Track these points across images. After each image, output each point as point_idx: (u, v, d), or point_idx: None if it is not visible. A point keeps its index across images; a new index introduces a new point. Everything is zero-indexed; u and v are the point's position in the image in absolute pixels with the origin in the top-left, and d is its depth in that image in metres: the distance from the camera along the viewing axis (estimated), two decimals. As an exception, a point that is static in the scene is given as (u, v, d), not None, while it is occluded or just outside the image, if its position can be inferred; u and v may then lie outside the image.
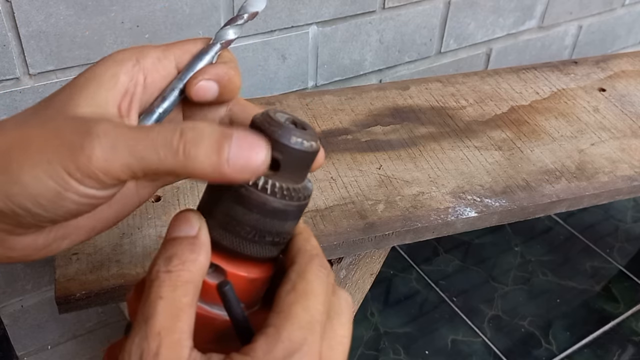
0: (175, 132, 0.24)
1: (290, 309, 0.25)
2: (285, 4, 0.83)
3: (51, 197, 0.25)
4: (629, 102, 0.88)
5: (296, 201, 0.27)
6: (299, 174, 0.28)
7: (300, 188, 0.28)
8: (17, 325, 0.93)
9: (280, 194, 0.26)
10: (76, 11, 0.69)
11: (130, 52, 0.28)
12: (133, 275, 0.55)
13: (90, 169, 0.24)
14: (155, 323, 0.23)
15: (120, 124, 0.26)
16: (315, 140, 0.28)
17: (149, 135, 0.24)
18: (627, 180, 0.72)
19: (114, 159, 0.24)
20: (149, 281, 0.25)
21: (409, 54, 1.03)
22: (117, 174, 0.24)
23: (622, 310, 1.28)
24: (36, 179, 0.24)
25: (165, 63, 0.29)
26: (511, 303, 1.27)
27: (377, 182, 0.69)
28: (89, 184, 0.25)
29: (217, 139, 0.25)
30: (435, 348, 1.18)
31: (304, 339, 0.24)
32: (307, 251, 0.28)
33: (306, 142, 0.27)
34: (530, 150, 0.76)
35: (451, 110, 0.83)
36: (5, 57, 0.67)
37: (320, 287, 0.26)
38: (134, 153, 0.24)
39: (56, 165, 0.24)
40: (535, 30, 1.17)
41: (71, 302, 0.53)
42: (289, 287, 0.26)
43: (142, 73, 0.29)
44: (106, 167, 0.24)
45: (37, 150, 0.25)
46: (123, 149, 0.24)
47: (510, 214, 0.67)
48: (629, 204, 1.54)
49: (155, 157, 0.24)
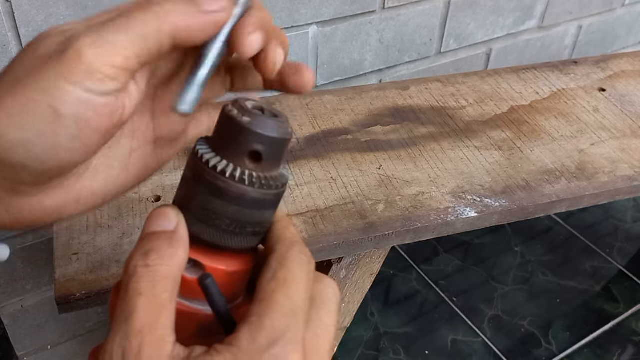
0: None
1: (272, 296, 0.25)
2: (285, 4, 0.83)
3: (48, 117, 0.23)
4: (629, 102, 0.88)
5: (274, 189, 0.27)
6: (276, 162, 0.27)
7: (278, 176, 0.27)
8: (17, 325, 0.93)
9: (259, 183, 0.26)
10: (76, 11, 0.69)
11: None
12: (133, 275, 0.55)
13: (83, 62, 0.23)
14: (136, 321, 0.23)
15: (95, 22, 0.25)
16: (289, 125, 0.28)
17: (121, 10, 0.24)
18: (627, 180, 0.72)
19: (103, 42, 0.23)
20: (127, 277, 0.24)
21: (409, 54, 1.03)
22: (110, 57, 0.24)
23: (622, 310, 1.28)
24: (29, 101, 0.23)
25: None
26: (511, 303, 1.27)
27: (377, 182, 0.69)
28: (88, 85, 0.23)
29: None
30: (435, 348, 1.18)
31: (287, 326, 0.24)
32: (287, 239, 0.28)
33: (282, 130, 0.27)
34: (530, 150, 0.76)
35: (451, 110, 0.83)
36: (5, 57, 0.67)
37: (302, 274, 0.26)
38: (119, 28, 0.24)
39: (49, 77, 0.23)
40: (535, 30, 1.17)
41: (71, 302, 0.53)
42: (269, 275, 0.25)
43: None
44: (97, 53, 0.23)
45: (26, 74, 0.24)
46: (107, 32, 0.24)
47: (510, 214, 0.67)
48: (629, 204, 1.54)
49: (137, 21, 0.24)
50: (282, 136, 0.27)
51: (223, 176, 0.26)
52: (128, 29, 0.24)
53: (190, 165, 0.27)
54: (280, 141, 0.27)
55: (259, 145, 0.26)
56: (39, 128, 0.23)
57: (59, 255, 0.56)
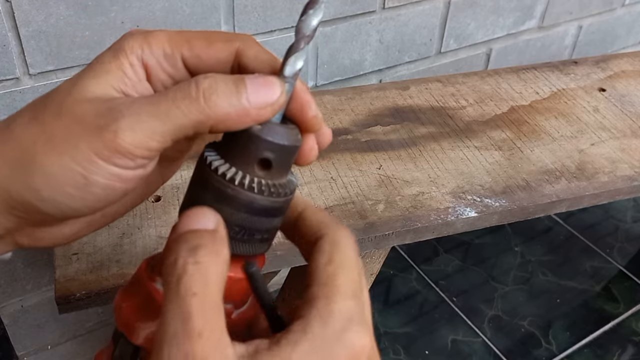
0: (190, 83, 0.25)
1: (335, 280, 0.24)
2: (285, 4, 0.83)
3: (78, 184, 0.25)
4: (629, 102, 0.88)
5: (283, 197, 0.27)
6: (285, 169, 0.27)
7: (286, 183, 0.27)
8: (17, 325, 0.93)
9: (268, 191, 0.26)
10: (76, 11, 0.69)
11: (138, 40, 0.27)
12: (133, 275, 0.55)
13: (118, 144, 0.24)
14: (195, 323, 0.21)
15: (137, 97, 0.26)
16: (299, 132, 0.27)
17: (168, 95, 0.25)
18: (627, 180, 0.72)
19: (140, 127, 0.24)
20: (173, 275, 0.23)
21: (409, 54, 1.03)
22: (145, 143, 0.24)
23: (622, 310, 1.28)
24: (63, 167, 0.24)
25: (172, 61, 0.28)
26: (511, 303, 1.27)
27: (377, 182, 0.69)
28: (118, 162, 0.24)
29: (233, 80, 0.25)
30: (435, 348, 1.18)
31: (354, 309, 0.24)
32: (330, 222, 0.28)
33: (292, 137, 0.27)
34: (530, 150, 0.76)
35: (451, 110, 0.83)
36: (5, 57, 0.67)
37: (355, 256, 0.26)
38: (158, 115, 0.24)
39: (84, 149, 0.24)
40: (535, 30, 1.17)
41: (71, 302, 0.53)
42: (325, 259, 0.25)
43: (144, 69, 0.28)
44: (134, 138, 0.24)
45: (62, 140, 0.24)
46: (147, 116, 0.24)
47: (510, 214, 0.67)
48: (629, 204, 1.54)
49: (178, 112, 0.24)
50: (292, 143, 0.27)
51: (232, 184, 0.26)
52: (168, 118, 0.24)
53: (198, 172, 0.27)
54: (290, 148, 0.27)
55: (269, 153, 0.26)
56: (69, 192, 0.25)
57: (59, 255, 0.56)
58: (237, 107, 0.25)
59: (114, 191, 0.26)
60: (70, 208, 0.26)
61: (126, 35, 0.27)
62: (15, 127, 0.26)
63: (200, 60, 0.27)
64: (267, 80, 0.26)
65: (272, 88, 0.25)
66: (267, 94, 0.25)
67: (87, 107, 0.25)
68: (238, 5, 0.80)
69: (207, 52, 0.27)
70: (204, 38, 0.28)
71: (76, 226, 0.29)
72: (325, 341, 0.23)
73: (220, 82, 0.25)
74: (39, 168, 0.24)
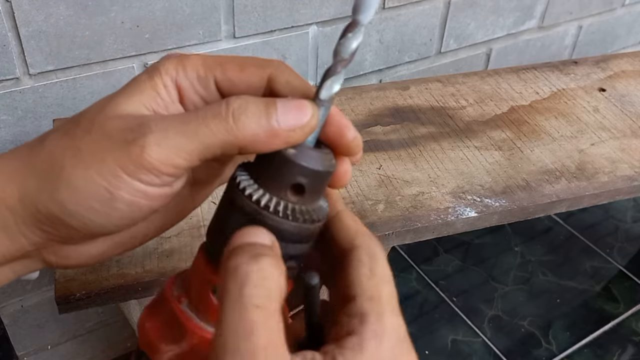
0: (221, 104, 0.25)
1: (381, 295, 0.24)
2: (285, 4, 0.83)
3: (103, 198, 0.25)
4: (629, 102, 0.88)
5: (315, 223, 0.26)
6: (317, 194, 0.27)
7: (317, 209, 0.27)
8: (17, 325, 0.93)
9: (301, 218, 0.25)
10: (76, 11, 0.69)
11: (173, 63, 0.27)
12: (133, 275, 0.55)
13: (145, 159, 0.24)
14: (260, 338, 0.21)
15: (167, 115, 0.26)
16: (333, 157, 0.27)
17: (198, 114, 0.25)
18: (627, 180, 0.72)
19: (168, 144, 0.24)
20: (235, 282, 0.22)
21: (409, 54, 1.03)
22: (172, 159, 0.24)
23: (622, 310, 1.28)
24: (88, 180, 0.24)
25: (204, 84, 0.28)
26: (511, 303, 1.27)
27: (377, 182, 0.69)
28: (144, 179, 0.24)
29: (263, 102, 0.25)
30: (435, 348, 1.18)
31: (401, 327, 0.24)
32: (366, 231, 0.27)
33: (327, 163, 0.26)
34: (530, 150, 0.76)
35: (451, 110, 0.83)
36: (5, 57, 0.67)
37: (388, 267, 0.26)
38: (186, 133, 0.24)
39: (110, 163, 0.24)
40: (535, 30, 1.17)
41: (71, 302, 0.53)
42: (367, 271, 0.25)
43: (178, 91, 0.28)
44: (160, 154, 0.24)
45: (90, 153, 0.25)
46: (175, 132, 0.24)
47: (510, 214, 0.67)
48: (629, 204, 1.54)
49: (207, 131, 0.24)
50: (326, 169, 0.26)
51: (264, 209, 0.25)
52: (196, 136, 0.24)
53: (229, 193, 0.26)
54: (324, 174, 0.26)
55: (302, 178, 0.25)
56: (94, 206, 0.25)
57: (59, 255, 0.56)
58: (266, 128, 0.25)
59: (139, 208, 0.25)
60: (94, 223, 0.26)
61: (163, 57, 0.28)
62: (48, 142, 0.26)
63: (233, 84, 0.27)
64: (298, 103, 0.25)
65: (302, 110, 0.25)
66: (298, 116, 0.25)
67: (117, 122, 0.25)
68: (238, 5, 0.80)
69: (240, 76, 0.27)
70: (237, 63, 0.28)
71: (104, 246, 0.29)
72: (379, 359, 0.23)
73: (251, 103, 0.25)
74: (65, 180, 0.25)
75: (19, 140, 0.75)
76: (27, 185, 0.25)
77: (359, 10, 0.26)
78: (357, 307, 0.24)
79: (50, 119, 0.75)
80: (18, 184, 0.25)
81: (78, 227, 0.26)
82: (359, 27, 0.26)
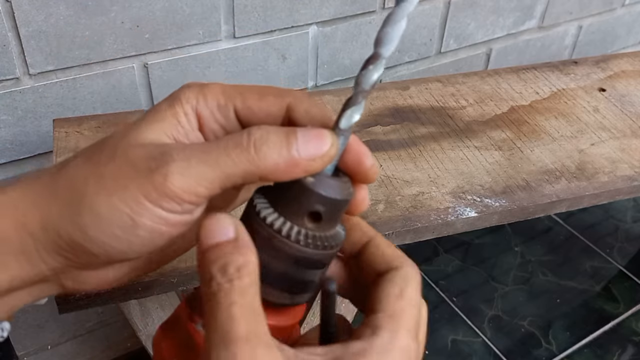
0: (242, 134, 0.25)
1: (402, 315, 0.25)
2: (285, 4, 0.83)
3: (125, 225, 0.25)
4: (629, 102, 0.88)
5: (331, 250, 0.26)
6: (335, 221, 0.27)
7: (334, 235, 0.27)
8: (17, 325, 0.93)
9: (316, 244, 0.26)
10: (76, 11, 0.69)
11: (194, 91, 0.28)
12: (133, 275, 0.55)
13: (167, 187, 0.24)
14: (239, 328, 0.22)
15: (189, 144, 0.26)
16: (351, 185, 0.27)
17: (220, 144, 0.25)
18: (627, 180, 0.72)
19: (190, 173, 0.24)
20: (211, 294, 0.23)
21: (409, 54, 1.03)
22: (194, 188, 0.24)
23: (622, 310, 1.28)
24: (111, 206, 0.25)
25: (224, 112, 0.28)
26: (511, 303, 1.27)
27: (377, 182, 0.69)
28: (166, 206, 0.25)
29: (284, 132, 0.25)
30: (435, 348, 1.18)
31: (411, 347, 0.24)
32: (404, 256, 0.28)
33: (345, 191, 0.26)
34: (530, 150, 0.76)
35: (451, 110, 0.83)
36: (5, 57, 0.67)
37: (421, 297, 0.27)
38: (208, 162, 0.25)
39: (133, 190, 0.24)
40: (535, 30, 1.17)
41: (71, 302, 0.53)
42: (397, 291, 0.26)
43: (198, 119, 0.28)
44: (183, 182, 0.24)
45: (113, 180, 0.25)
46: (197, 162, 0.25)
47: (510, 214, 0.67)
48: (629, 204, 1.54)
49: (229, 161, 0.25)
50: (344, 197, 0.26)
51: (281, 235, 0.25)
52: (218, 166, 0.25)
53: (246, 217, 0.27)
54: (342, 202, 0.26)
55: (320, 206, 0.26)
56: (115, 233, 0.25)
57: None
58: (287, 158, 0.25)
59: (160, 235, 0.26)
60: (116, 250, 0.26)
61: (184, 86, 0.28)
62: (70, 168, 0.26)
63: (252, 113, 0.28)
64: (318, 133, 0.26)
65: (323, 140, 0.26)
66: (318, 146, 0.25)
67: (140, 150, 0.25)
68: (238, 5, 0.80)
69: (259, 104, 0.28)
70: (256, 92, 0.28)
71: (121, 271, 0.29)
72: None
73: (272, 134, 0.25)
74: (87, 207, 0.25)
75: (19, 140, 0.75)
76: (49, 211, 0.25)
77: (381, 43, 0.26)
78: (375, 320, 0.25)
79: (50, 119, 0.75)
80: (40, 209, 0.26)
81: (99, 253, 0.26)
82: (380, 60, 0.27)
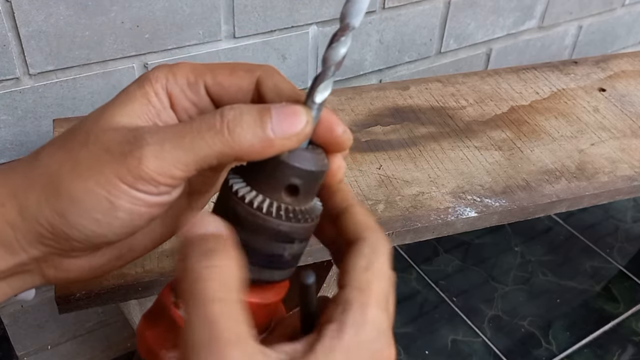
0: (215, 114, 0.25)
1: (371, 288, 0.24)
2: (285, 4, 0.83)
3: (104, 208, 0.25)
4: (629, 102, 0.88)
5: (310, 222, 0.26)
6: (311, 193, 0.27)
7: (312, 207, 0.27)
8: (17, 325, 0.93)
9: (295, 218, 0.26)
10: (76, 11, 0.69)
11: (163, 71, 0.28)
12: (133, 275, 0.55)
13: (142, 170, 0.24)
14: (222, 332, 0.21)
15: (162, 126, 0.26)
16: (325, 157, 0.27)
17: (192, 126, 0.25)
18: (627, 180, 0.72)
19: (164, 156, 0.24)
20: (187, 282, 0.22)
21: (409, 54, 1.03)
22: (169, 170, 0.24)
23: (622, 310, 1.28)
24: (88, 191, 0.25)
25: (195, 89, 0.28)
26: (511, 303, 1.27)
27: (377, 182, 0.69)
28: (142, 188, 0.25)
29: (258, 111, 0.25)
30: (435, 348, 1.18)
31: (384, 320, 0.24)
32: (374, 227, 0.28)
33: (320, 162, 0.26)
34: (530, 150, 0.76)
35: (451, 110, 0.83)
36: (5, 57, 0.67)
37: (390, 267, 0.26)
38: (182, 145, 0.24)
39: (108, 174, 0.24)
40: (535, 30, 1.17)
41: (71, 302, 0.53)
42: (364, 264, 0.25)
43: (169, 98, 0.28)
44: (158, 165, 0.24)
45: (88, 166, 0.25)
46: (171, 145, 0.24)
47: (510, 214, 0.67)
48: (629, 204, 1.54)
49: (202, 143, 0.24)
50: (319, 169, 0.26)
51: (259, 211, 0.25)
52: (192, 148, 0.25)
53: (223, 198, 0.26)
54: (318, 174, 0.26)
55: (296, 179, 0.26)
56: (95, 216, 0.25)
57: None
58: (262, 138, 0.25)
59: (139, 216, 0.26)
60: (96, 234, 0.26)
61: (153, 68, 0.28)
62: (44, 156, 0.26)
63: (222, 88, 0.28)
64: (293, 110, 0.25)
65: (298, 117, 0.25)
66: (293, 124, 0.25)
67: (113, 134, 0.25)
68: (238, 5, 0.80)
69: (229, 80, 0.28)
70: (227, 67, 0.28)
71: (103, 259, 0.29)
72: (358, 350, 0.23)
73: (245, 114, 0.25)
74: (65, 193, 0.25)
75: (19, 140, 0.75)
76: (26, 200, 0.25)
77: (349, 14, 0.26)
78: (344, 295, 0.24)
79: (50, 119, 0.75)
80: (17, 198, 0.25)
81: (80, 238, 0.26)
82: (348, 32, 0.26)
